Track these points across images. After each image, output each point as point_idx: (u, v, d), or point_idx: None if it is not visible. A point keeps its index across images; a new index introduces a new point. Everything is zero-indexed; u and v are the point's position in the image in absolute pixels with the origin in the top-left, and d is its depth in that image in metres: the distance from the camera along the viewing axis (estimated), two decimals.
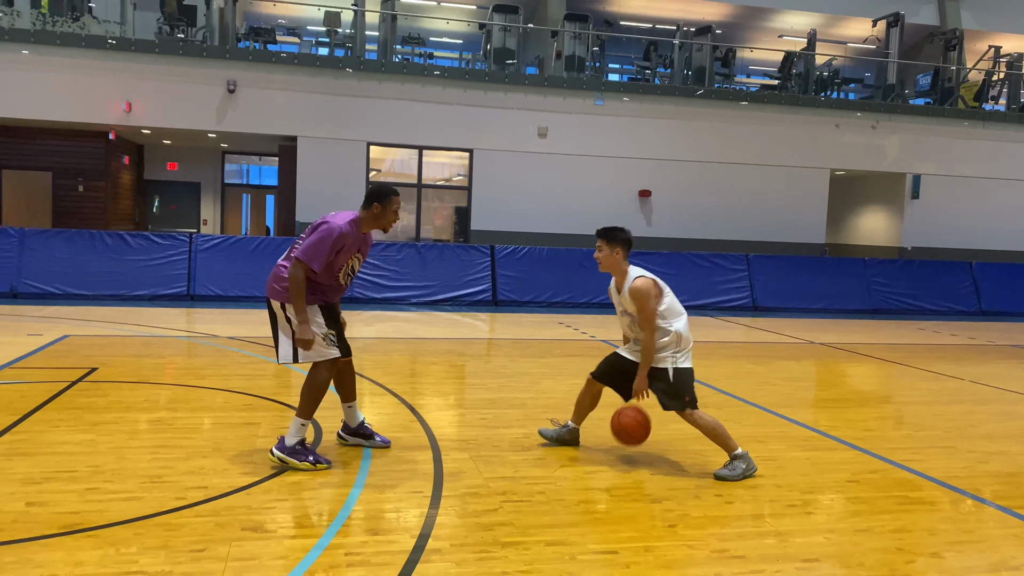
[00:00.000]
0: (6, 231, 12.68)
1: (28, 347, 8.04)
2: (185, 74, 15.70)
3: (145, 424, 5.43)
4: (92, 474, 4.33)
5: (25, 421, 5.29)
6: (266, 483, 4.31)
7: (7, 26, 15.34)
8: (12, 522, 3.63)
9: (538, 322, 12.19)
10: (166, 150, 20.18)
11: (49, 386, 6.38)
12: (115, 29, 15.86)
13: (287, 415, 5.85)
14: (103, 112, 15.55)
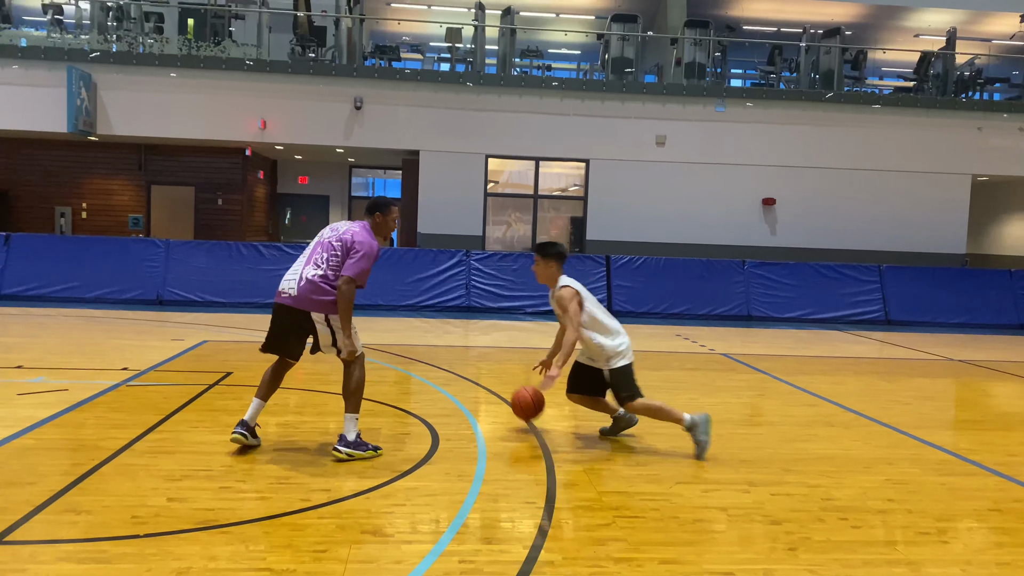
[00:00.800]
0: (154, 242, 13.65)
1: (171, 351, 8.62)
2: (315, 92, 16.47)
3: (274, 427, 5.71)
4: (226, 473, 4.59)
5: (168, 421, 5.67)
6: (385, 488, 4.45)
7: (157, 52, 16.56)
8: (155, 516, 3.89)
9: (655, 334, 12.02)
10: (297, 165, 21.20)
11: (189, 388, 6.81)
12: (252, 51, 16.82)
13: (406, 421, 6.02)
14: (240, 130, 16.51)
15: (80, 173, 18.56)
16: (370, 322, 11.93)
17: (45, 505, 3.95)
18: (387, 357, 8.88)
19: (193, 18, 17.14)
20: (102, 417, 5.76)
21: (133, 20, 17.21)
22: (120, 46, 16.68)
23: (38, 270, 13.09)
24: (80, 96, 15.52)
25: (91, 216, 18.59)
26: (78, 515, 3.85)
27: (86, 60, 16.07)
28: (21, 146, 18.12)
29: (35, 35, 17.48)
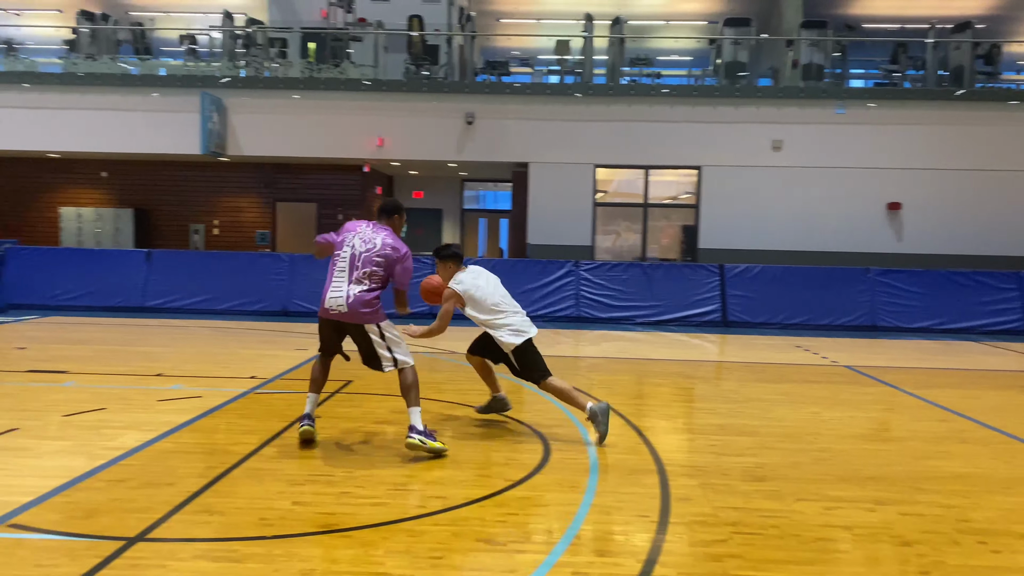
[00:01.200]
0: (279, 257, 14.33)
1: (295, 360, 9.01)
2: (429, 109, 16.91)
3: (391, 435, 5.87)
4: (346, 479, 4.76)
5: (292, 427, 5.93)
6: (498, 496, 4.50)
7: (281, 75, 17.43)
8: (280, 518, 4.08)
9: (772, 345, 11.64)
10: (412, 180, 21.78)
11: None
12: (369, 72, 17.44)
13: (518, 430, 6.07)
14: (359, 148, 17.14)
15: (212, 192, 19.71)
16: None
17: (182, 505, 4.21)
18: (497, 367, 8.96)
19: (314, 42, 17.95)
20: (232, 423, 6.09)
21: (260, 46, 18.18)
22: (248, 71, 17.65)
23: (176, 284, 13.98)
24: (212, 120, 16.51)
25: (222, 232, 19.71)
26: (212, 516, 4.08)
27: (217, 86, 17.09)
28: (160, 168, 19.42)
29: (172, 64, 18.75)
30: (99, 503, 4.21)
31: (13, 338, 10.52)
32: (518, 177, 18.14)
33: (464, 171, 20.63)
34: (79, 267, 14.11)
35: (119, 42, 19.35)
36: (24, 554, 3.54)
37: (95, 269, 14.07)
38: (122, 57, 18.75)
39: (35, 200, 19.80)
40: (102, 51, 18.47)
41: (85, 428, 5.78)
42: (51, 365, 8.31)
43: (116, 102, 17.26)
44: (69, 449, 5.24)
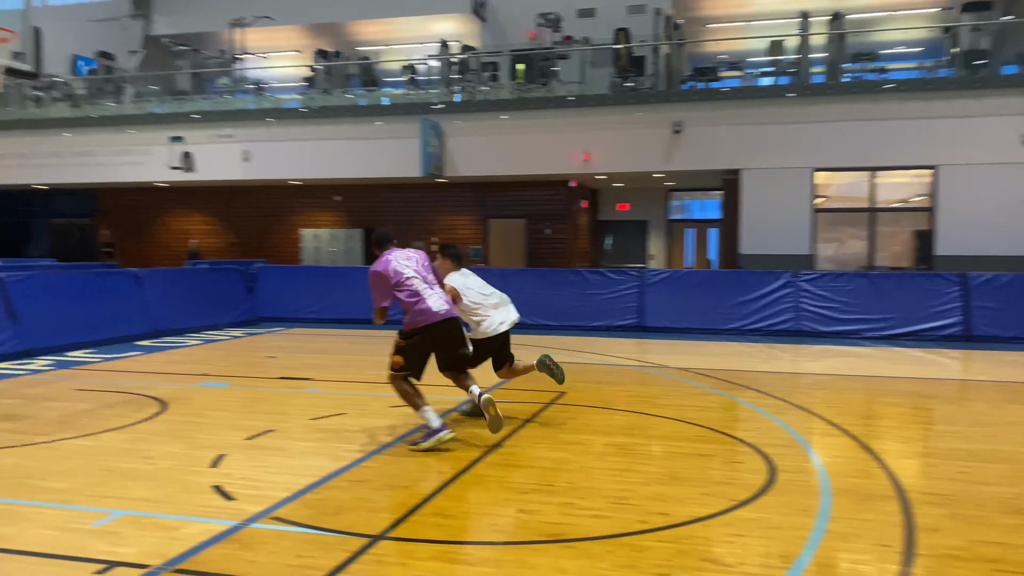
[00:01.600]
0: (490, 272, 14.88)
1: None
2: (635, 121, 16.87)
3: (609, 447, 5.89)
4: (567, 489, 4.83)
5: (513, 436, 6.12)
6: (724, 516, 4.37)
7: (493, 98, 18.14)
8: (508, 525, 4.22)
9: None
10: (617, 192, 21.82)
11: (528, 406, 7.30)
12: (575, 88, 17.71)
13: (738, 449, 5.87)
14: (566, 163, 17.44)
15: (430, 212, 20.90)
16: (692, 346, 11.85)
17: (418, 508, 4.47)
18: (711, 382, 8.74)
19: (523, 63, 18.53)
20: (458, 430, 6.38)
21: (473, 71, 19.06)
22: (462, 96, 18.55)
23: None
24: (431, 144, 17.52)
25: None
26: (445, 519, 4.30)
27: (434, 111, 18.11)
28: (382, 190, 20.89)
29: (395, 93, 20.13)
30: (345, 501, 4.57)
31: (265, 348, 11.73)
32: (729, 184, 17.61)
33: (671, 181, 20.35)
34: (318, 283, 15.49)
35: (349, 76, 21.08)
36: (286, 544, 3.92)
37: (331, 285, 15.36)
38: (351, 90, 20.40)
39: (279, 223, 21.99)
40: (335, 85, 20.21)
41: (329, 431, 6.31)
42: (297, 372, 9.17)
43: (347, 132, 18.79)
44: (316, 450, 5.74)
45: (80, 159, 20.56)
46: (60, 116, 20.97)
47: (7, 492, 4.70)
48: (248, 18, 23.13)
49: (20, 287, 10.68)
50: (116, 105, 21.14)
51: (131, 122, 20.35)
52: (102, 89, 21.86)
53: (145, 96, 21.57)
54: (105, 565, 3.63)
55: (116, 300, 12.26)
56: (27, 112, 21.38)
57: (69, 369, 9.47)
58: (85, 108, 21.15)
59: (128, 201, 22.98)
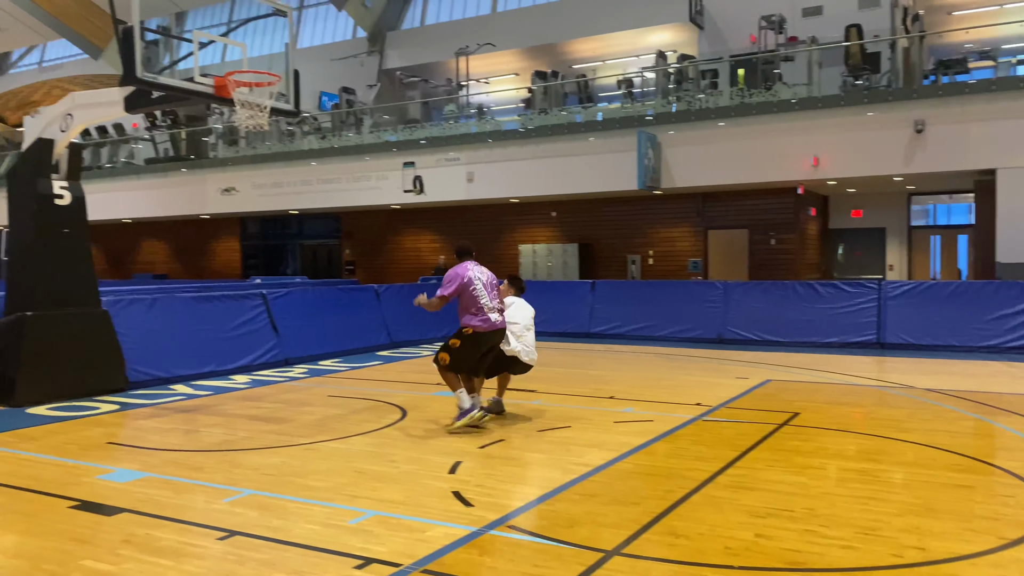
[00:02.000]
0: (713, 284, 14.49)
1: (738, 389, 8.98)
2: (869, 122, 15.74)
3: (851, 472, 5.51)
4: (808, 516, 4.57)
5: (744, 458, 5.90)
6: (993, 555, 3.93)
7: (712, 106, 17.71)
8: (745, 549, 4.06)
9: None
10: (850, 198, 20.44)
11: (759, 426, 7.00)
12: (802, 91, 16.85)
13: (1004, 481, 5.26)
14: (792, 169, 16.62)
15: (646, 224, 20.76)
16: (941, 364, 10.79)
17: (649, 525, 4.43)
18: (966, 404, 7.91)
19: (743, 68, 17.93)
20: (684, 449, 6.27)
21: (691, 80, 18.74)
22: (680, 106, 18.29)
23: (617, 311, 14.95)
24: (647, 156, 17.42)
25: (657, 262, 20.60)
26: (677, 539, 4.23)
27: (650, 123, 18.00)
28: (600, 205, 21.04)
29: (609, 108, 20.26)
30: (576, 514, 4.63)
31: None
32: (982, 186, 15.91)
33: (911, 184, 18.73)
34: (537, 297, 15.78)
35: (565, 95, 21.52)
36: (524, 553, 4.04)
37: (550, 299, 15.68)
38: (568, 107, 20.81)
39: (499, 239, 22.85)
40: (551, 105, 20.71)
41: (556, 443, 6.44)
42: (522, 384, 9.44)
43: (562, 149, 19.18)
44: (545, 462, 5.88)
45: (325, 186, 22.64)
46: (309, 148, 23.26)
47: (277, 488, 5.24)
48: (471, 47, 24.36)
49: (280, 303, 11.93)
50: (356, 135, 23.08)
51: (369, 150, 22.10)
52: (344, 121, 23.97)
53: (381, 126, 23.36)
54: (362, 561, 3.93)
55: (359, 313, 13.33)
56: (282, 146, 23.93)
57: (321, 377, 10.42)
58: (330, 139, 23.29)
59: (367, 223, 24.94)
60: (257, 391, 9.32)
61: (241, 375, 10.54)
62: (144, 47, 7.64)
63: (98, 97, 8.61)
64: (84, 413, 7.97)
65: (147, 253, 30.03)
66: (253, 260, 28.07)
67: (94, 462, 6.02)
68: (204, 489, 5.25)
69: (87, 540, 4.29)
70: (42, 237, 8.70)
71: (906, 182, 18.07)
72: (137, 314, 10.02)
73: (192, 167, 25.10)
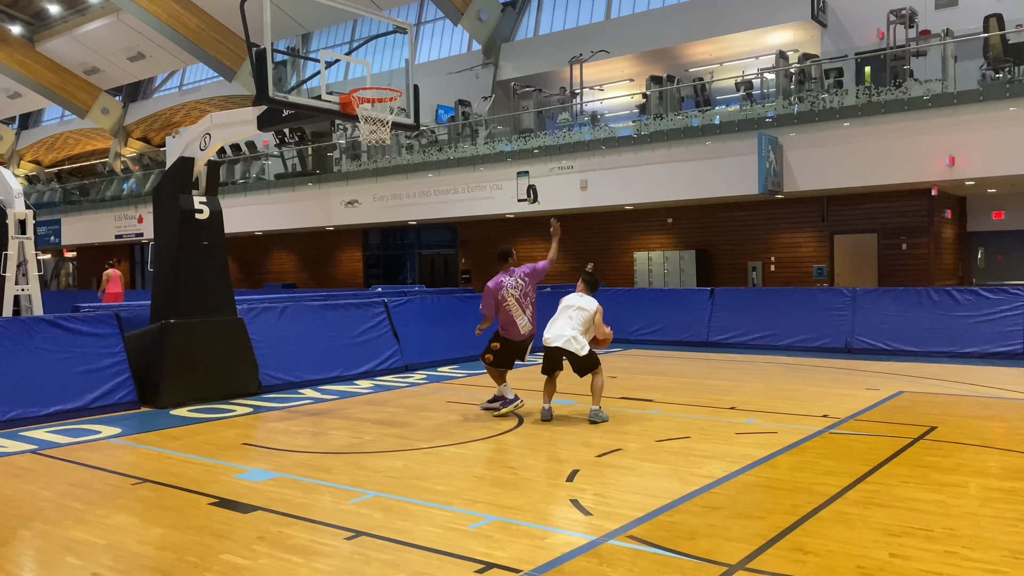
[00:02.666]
0: (840, 291, 13.88)
1: (868, 401, 8.56)
2: (1012, 117, 14.72)
3: (996, 492, 5.15)
4: (948, 536, 4.30)
5: (876, 473, 5.61)
6: None
7: (837, 106, 17.00)
8: (879, 569, 3.86)
9: None
10: (990, 199, 19.17)
11: (892, 440, 6.65)
12: (935, 87, 15.95)
13: None
14: (925, 170, 15.73)
15: (767, 229, 20.12)
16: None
17: (775, 540, 4.28)
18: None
19: (870, 65, 17.15)
20: (811, 462, 6.02)
21: (814, 80, 18.07)
22: (801, 107, 17.66)
23: (737, 320, 14.56)
24: (768, 159, 16.91)
25: (778, 268, 19.93)
26: (805, 555, 4.07)
27: (770, 125, 17.45)
28: (718, 210, 20.56)
29: (727, 111, 19.78)
30: (697, 527, 4.54)
31: (606, 368, 12.11)
32: None
33: None
34: (652, 305, 15.69)
35: (682, 99, 21.17)
36: (643, 564, 3.99)
37: (666, 307, 15.47)
38: (684, 112, 20.46)
39: (614, 247, 22.70)
40: (667, 109, 20.43)
41: (675, 454, 6.33)
42: (639, 393, 9.36)
43: (678, 154, 18.87)
44: (664, 472, 5.78)
45: (442, 196, 23.15)
46: (426, 160, 23.86)
47: (400, 490, 5.39)
48: (585, 54, 24.36)
49: (400, 311, 12.27)
50: (471, 146, 23.50)
51: (484, 161, 22.46)
52: (460, 133, 24.46)
53: (496, 136, 23.69)
54: (483, 565, 3.99)
55: (475, 322, 13.49)
56: (402, 159, 24.66)
57: (439, 383, 10.65)
58: (446, 151, 23.82)
59: (482, 232, 25.33)
60: (380, 396, 9.62)
61: (364, 380, 10.91)
62: (274, 68, 8.05)
63: (233, 117, 9.13)
64: (221, 415, 8.45)
65: (277, 263, 31.56)
66: (374, 269, 29.03)
67: (231, 461, 6.37)
68: (331, 490, 5.46)
69: (225, 535, 4.55)
70: (184, 250, 9.30)
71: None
72: (268, 322, 10.55)
73: (318, 181, 26.22)
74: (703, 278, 20.61)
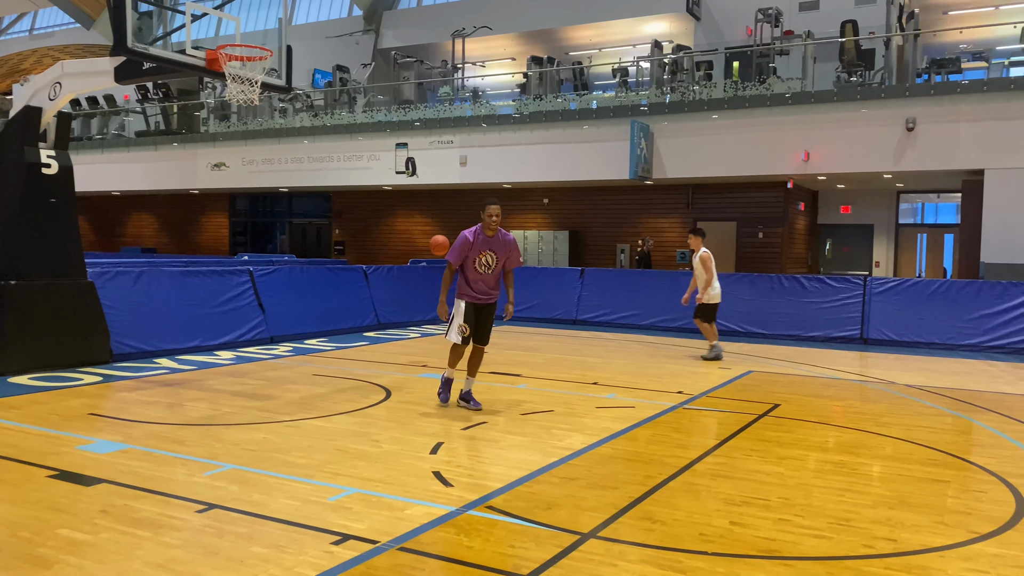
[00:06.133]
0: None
1: (720, 379, 9.05)
2: (861, 118, 15.80)
3: (829, 464, 5.57)
4: (783, 505, 4.63)
5: (723, 447, 5.95)
6: (964, 548, 3.99)
7: (706, 97, 17.71)
8: (720, 536, 4.11)
9: None
10: (839, 194, 20.55)
11: (739, 416, 7.06)
12: (796, 85, 16.88)
13: (979, 476, 5.33)
14: (782, 164, 16.68)
15: (637, 214, 20.80)
16: (923, 361, 10.90)
17: (626, 509, 4.48)
18: (946, 402, 8.00)
19: (738, 61, 17.94)
20: (665, 436, 6.32)
21: (686, 71, 18.73)
22: (673, 97, 18.29)
23: (605, 299, 15.01)
24: (640, 146, 17.43)
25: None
26: (653, 523, 4.28)
27: (643, 113, 17.99)
28: (591, 193, 21.06)
29: (604, 96, 20.23)
30: (556, 497, 4.67)
31: None
32: (969, 186, 16.02)
33: (901, 182, 18.85)
34: (526, 283, 15.89)
35: (561, 81, 21.47)
36: (500, 534, 4.08)
37: (538, 285, 15.73)
38: (563, 94, 20.76)
39: None
40: (547, 91, 20.66)
41: (538, 427, 6.48)
42: (508, 368, 9.49)
43: (556, 136, 19.16)
44: (527, 445, 5.91)
45: (317, 164, 22.55)
46: (301, 125, 23.13)
47: (259, 463, 5.26)
48: (468, 29, 24.24)
49: (266, 280, 11.89)
50: (349, 114, 22.97)
51: (361, 130, 22.01)
52: (337, 100, 23.83)
53: (374, 106, 23.25)
54: (340, 537, 3.96)
55: (347, 294, 13.32)
56: (274, 122, 23.79)
57: (306, 356, 10.42)
58: (322, 117, 23.17)
59: (357, 203, 24.87)
60: (241, 367, 9.32)
61: (226, 351, 10.53)
62: (136, 17, 7.58)
63: (88, 66, 8.53)
64: (67, 384, 7.95)
65: (135, 226, 29.86)
66: (241, 237, 27.98)
67: (75, 432, 6.01)
68: (185, 462, 5.26)
69: (64, 509, 4.30)
70: (28, 206, 8.64)
71: (895, 180, 18.19)
72: (123, 287, 9.98)
73: (183, 141, 24.94)
74: (575, 258, 21.10)
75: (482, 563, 3.69)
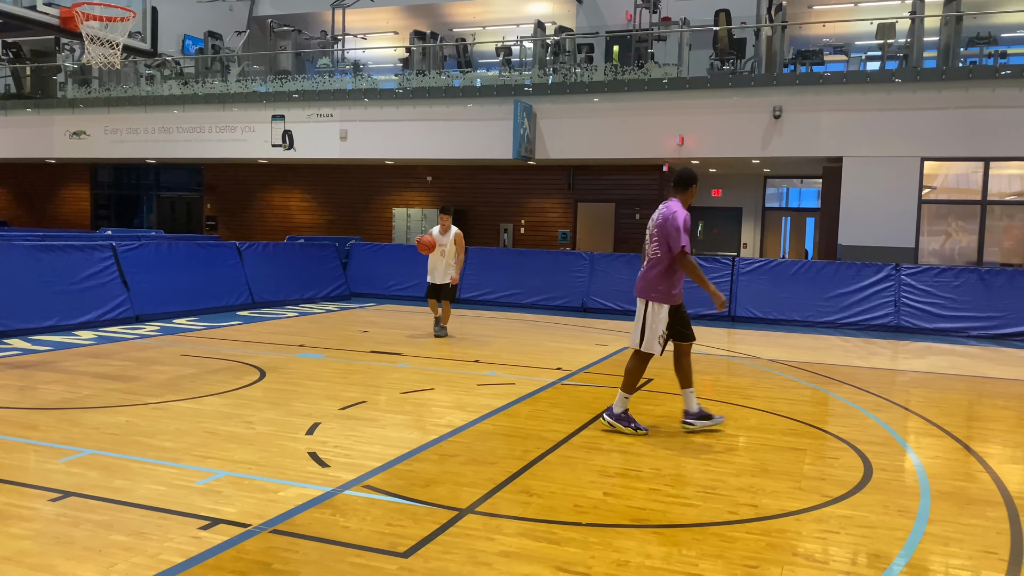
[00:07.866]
0: (580, 255, 14.83)
1: (597, 355, 9.29)
2: (732, 105, 16.46)
3: (697, 436, 5.81)
4: (654, 476, 4.80)
5: (598, 420, 6.11)
6: (816, 511, 4.26)
7: (587, 80, 17.98)
8: (594, 507, 4.22)
9: None
10: (711, 178, 21.36)
11: (614, 391, 7.23)
12: (672, 71, 17.38)
13: (832, 444, 5.70)
14: (658, 147, 17.17)
15: (520, 194, 20.94)
16: (785, 338, 11.54)
17: (504, 484, 4.52)
18: (804, 375, 8.50)
19: (618, 45, 18.29)
20: (543, 411, 6.42)
21: (568, 53, 18.93)
22: (556, 78, 18.47)
23: (487, 278, 15.08)
24: (523, 126, 17.52)
25: (528, 231, 20.86)
26: (530, 497, 4.34)
27: (527, 93, 18.09)
28: (476, 172, 21.03)
29: (488, 75, 20.19)
30: (434, 474, 4.67)
31: (357, 322, 12.04)
32: (829, 173, 17.01)
33: (767, 168, 19.79)
34: (407, 261, 15.75)
35: (444, 58, 21.26)
36: (378, 513, 4.04)
37: (420, 264, 15.58)
38: (446, 71, 20.58)
39: (373, 202, 22.45)
40: (430, 67, 20.42)
41: (418, 405, 6.45)
42: (389, 347, 9.39)
43: (440, 113, 18.99)
44: (406, 423, 5.87)
45: (187, 135, 21.46)
46: (170, 93, 21.93)
47: (121, 448, 4.99)
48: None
49: (131, 256, 11.26)
50: (222, 83, 21.95)
51: (235, 100, 21.09)
52: (209, 68, 22.72)
53: (249, 75, 22.31)
54: (208, 521, 3.81)
55: (219, 271, 12.79)
56: (140, 89, 22.45)
57: (174, 335, 9.95)
58: (193, 86, 22.05)
59: (231, 176, 23.87)
60: (103, 348, 8.80)
61: (86, 331, 9.92)
62: None
63: None
64: None
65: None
66: (104, 211, 26.35)
67: None
68: (38, 448, 4.93)
69: None
70: None
71: (763, 165, 19.07)
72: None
73: (38, 107, 23.17)
74: None
75: (358, 542, 3.64)
